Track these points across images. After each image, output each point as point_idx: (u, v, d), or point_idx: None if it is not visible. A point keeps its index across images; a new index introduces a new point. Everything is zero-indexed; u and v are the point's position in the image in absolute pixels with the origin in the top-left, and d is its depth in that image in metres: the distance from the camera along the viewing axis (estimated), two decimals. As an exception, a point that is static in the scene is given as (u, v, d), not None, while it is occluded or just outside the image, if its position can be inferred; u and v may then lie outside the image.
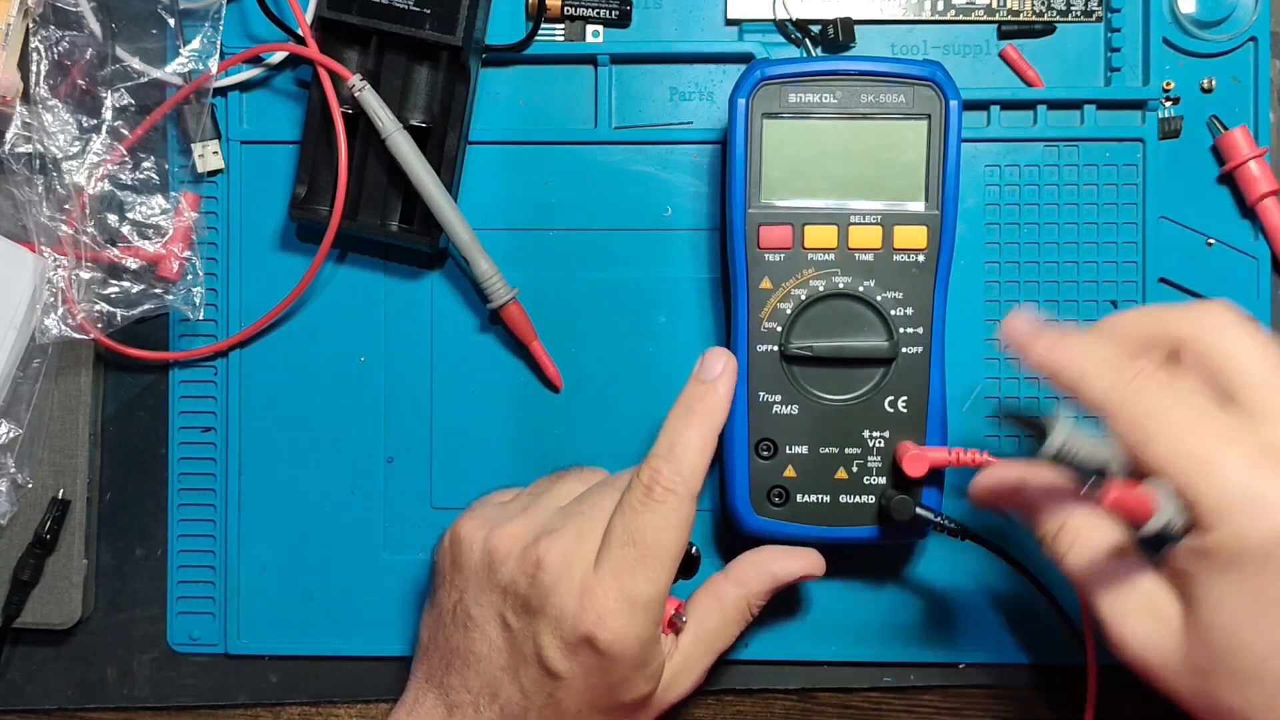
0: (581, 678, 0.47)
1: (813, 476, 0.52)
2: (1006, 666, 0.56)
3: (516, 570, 0.47)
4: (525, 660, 0.47)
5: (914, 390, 0.51)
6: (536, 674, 0.47)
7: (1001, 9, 0.57)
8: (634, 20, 0.57)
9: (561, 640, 0.46)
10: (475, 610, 0.49)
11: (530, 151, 0.57)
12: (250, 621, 0.57)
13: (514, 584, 0.47)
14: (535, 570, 0.47)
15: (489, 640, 0.48)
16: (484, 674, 0.48)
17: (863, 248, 0.51)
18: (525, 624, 0.47)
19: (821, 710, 0.57)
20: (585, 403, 0.57)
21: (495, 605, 0.48)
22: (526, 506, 0.50)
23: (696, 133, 0.57)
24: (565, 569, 0.47)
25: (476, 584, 0.49)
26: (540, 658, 0.47)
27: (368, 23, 0.53)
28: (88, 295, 0.55)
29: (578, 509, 0.49)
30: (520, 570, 0.47)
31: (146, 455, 0.58)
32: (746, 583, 0.51)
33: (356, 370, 0.57)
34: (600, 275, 0.57)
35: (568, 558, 0.47)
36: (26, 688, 0.58)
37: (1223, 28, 0.56)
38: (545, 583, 0.47)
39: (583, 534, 0.48)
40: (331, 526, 0.57)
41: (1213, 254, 0.56)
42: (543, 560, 0.47)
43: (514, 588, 0.47)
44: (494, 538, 0.49)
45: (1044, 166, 0.56)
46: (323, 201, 0.55)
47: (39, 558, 0.56)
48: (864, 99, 0.51)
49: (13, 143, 0.54)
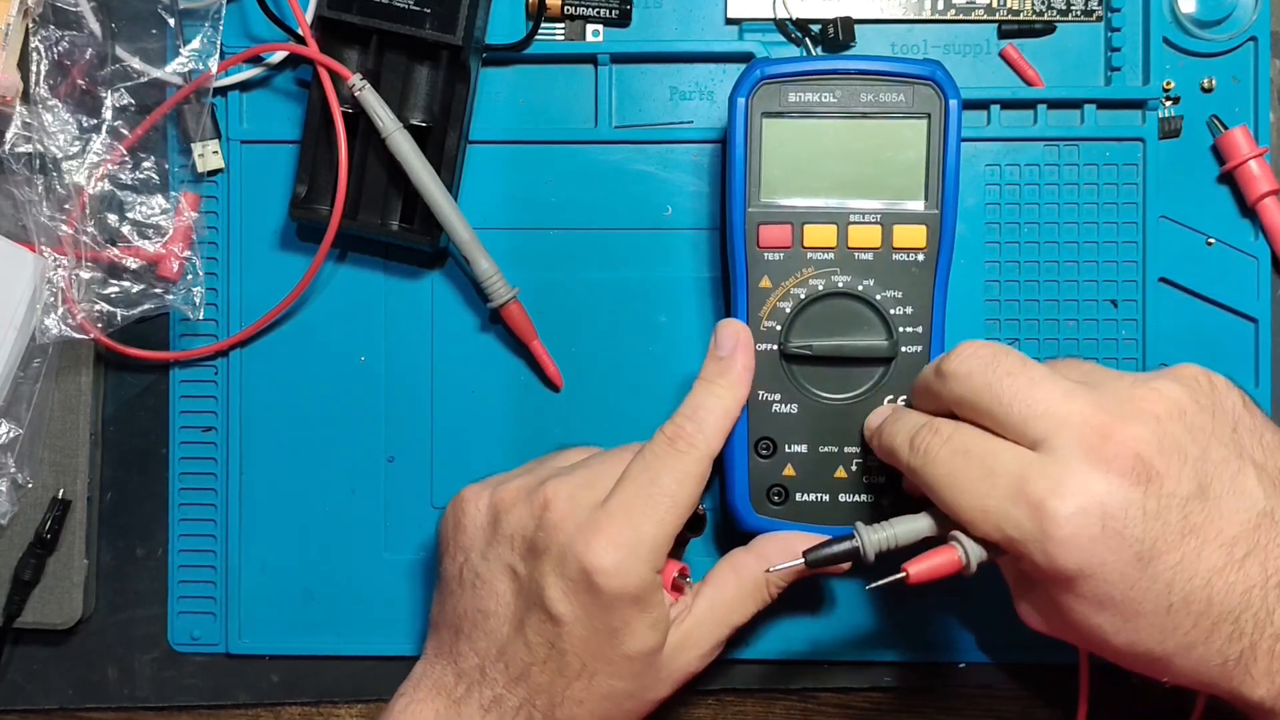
0: (582, 621, 0.46)
1: (812, 475, 0.52)
2: (1006, 666, 0.56)
3: (524, 514, 0.48)
4: (531, 606, 0.47)
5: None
6: (539, 621, 0.47)
7: (1001, 8, 0.57)
8: (634, 19, 0.57)
9: (563, 579, 0.46)
10: (482, 567, 0.49)
11: (530, 151, 0.57)
12: (251, 621, 0.57)
13: (521, 527, 0.48)
14: (542, 511, 0.47)
15: (496, 595, 0.48)
16: (491, 632, 0.48)
17: (862, 247, 0.51)
18: (532, 568, 0.47)
19: (821, 710, 0.57)
20: (585, 402, 0.57)
21: (503, 557, 0.48)
22: (529, 470, 0.51)
23: (697, 132, 0.57)
24: (571, 507, 0.47)
25: (484, 539, 0.49)
26: (543, 600, 0.47)
27: (368, 22, 0.53)
28: (88, 295, 0.55)
29: (587, 464, 0.50)
30: (528, 513, 0.48)
31: (147, 455, 0.58)
32: (770, 559, 0.50)
33: (357, 370, 0.57)
34: (600, 275, 0.57)
35: (574, 498, 0.47)
36: (27, 687, 0.58)
37: (1223, 27, 0.56)
38: (551, 521, 0.47)
39: (591, 481, 0.48)
40: (332, 526, 0.57)
41: (1213, 253, 0.56)
42: (550, 501, 0.47)
43: (521, 531, 0.48)
44: (498, 493, 0.49)
45: (1044, 166, 0.56)
46: (323, 201, 0.55)
47: (39, 557, 0.56)
48: (864, 98, 0.51)
49: (13, 143, 0.54)
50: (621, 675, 0.48)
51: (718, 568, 0.51)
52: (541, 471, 0.50)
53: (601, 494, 0.48)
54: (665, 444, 0.48)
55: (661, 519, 0.47)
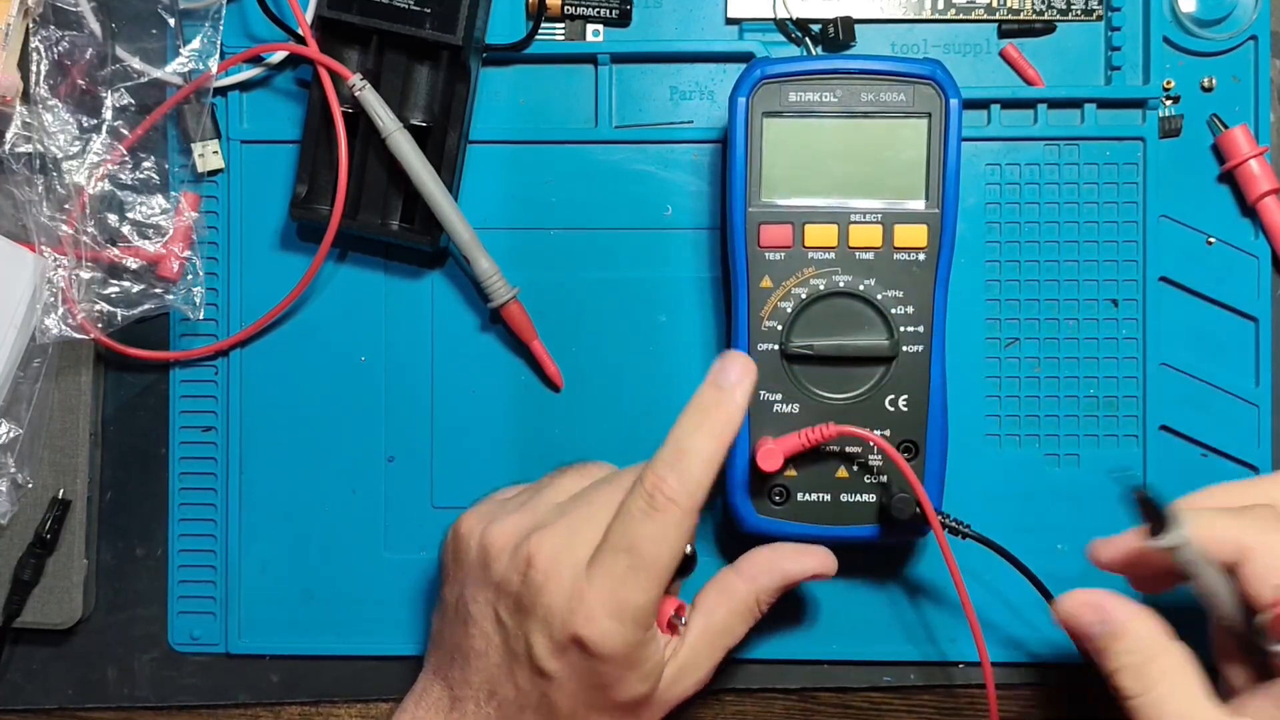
0: (572, 678, 0.47)
1: (813, 475, 0.52)
2: (1006, 666, 0.56)
3: (509, 567, 0.47)
4: (518, 659, 0.47)
5: (914, 389, 0.51)
6: (528, 673, 0.47)
7: (1002, 8, 0.57)
8: (634, 19, 0.57)
9: (550, 640, 0.46)
10: (474, 607, 0.48)
11: (530, 151, 0.57)
12: (251, 621, 0.57)
13: (506, 581, 0.47)
14: (526, 568, 0.47)
15: (486, 637, 0.48)
16: (482, 670, 0.48)
17: (863, 246, 0.51)
18: (517, 622, 0.47)
19: (821, 710, 0.57)
20: (586, 402, 0.57)
21: (490, 602, 0.48)
22: (524, 503, 0.50)
23: (697, 132, 0.57)
24: (554, 568, 0.46)
25: (474, 580, 0.49)
26: (531, 657, 0.47)
27: (368, 22, 0.53)
28: (88, 295, 0.55)
29: (574, 506, 0.49)
30: (512, 567, 0.47)
31: (147, 455, 0.58)
32: (757, 579, 0.50)
33: (357, 370, 0.57)
34: (601, 274, 0.57)
35: (557, 556, 0.46)
36: (27, 687, 0.58)
37: (1223, 26, 0.56)
38: (536, 581, 0.46)
39: (575, 530, 0.47)
40: (332, 526, 0.57)
41: (1213, 252, 0.56)
42: (533, 558, 0.46)
43: (506, 585, 0.47)
44: (489, 533, 0.49)
45: (1044, 165, 0.56)
46: (323, 201, 0.55)
47: (39, 557, 0.56)
48: (864, 97, 0.51)
49: (13, 143, 0.54)
50: (615, 716, 0.48)
51: (705, 592, 0.51)
52: (535, 509, 0.49)
53: (585, 550, 0.47)
54: (644, 503, 0.46)
55: (646, 586, 0.46)
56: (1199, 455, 0.56)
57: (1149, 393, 0.56)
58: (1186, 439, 0.56)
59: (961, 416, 0.55)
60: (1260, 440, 0.56)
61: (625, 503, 0.47)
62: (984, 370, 0.56)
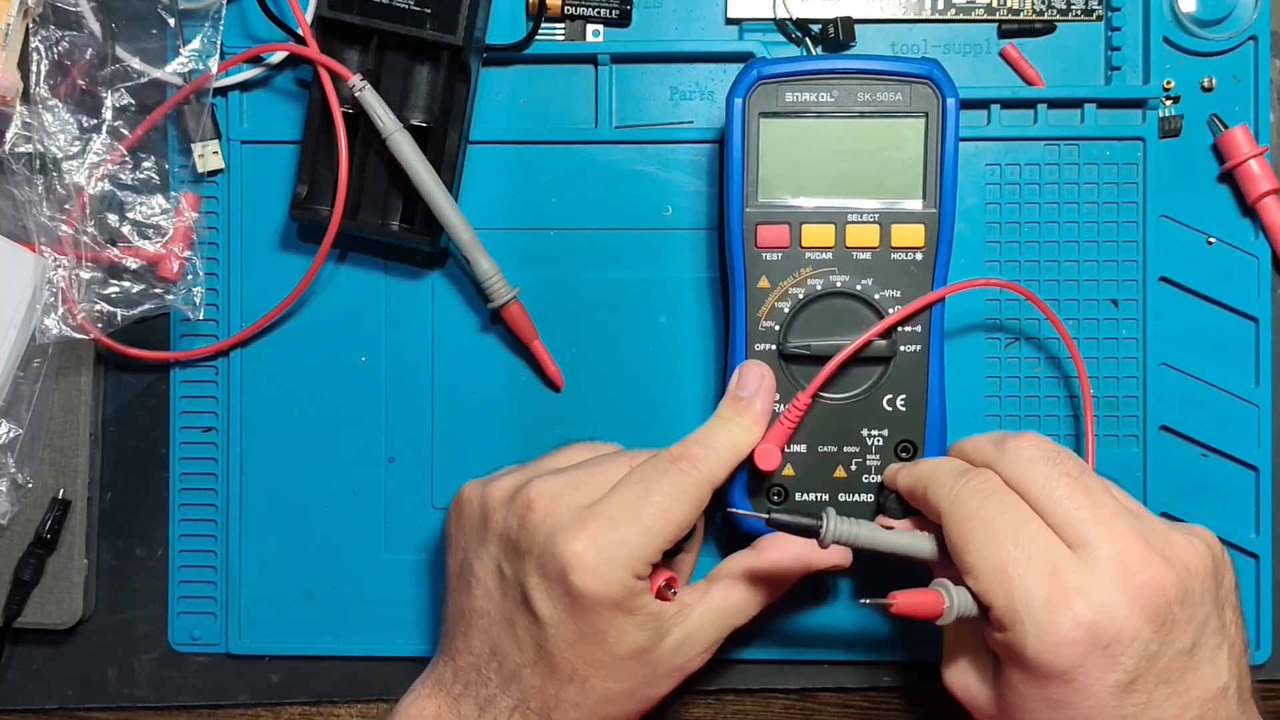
0: (566, 623, 0.46)
1: (811, 475, 0.52)
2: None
3: (509, 514, 0.48)
4: (517, 607, 0.47)
5: (913, 389, 0.51)
6: (526, 622, 0.47)
7: (1002, 8, 0.56)
8: (634, 19, 0.57)
9: (545, 579, 0.46)
10: (476, 565, 0.49)
11: (530, 151, 0.57)
12: (251, 621, 0.57)
13: (507, 528, 0.48)
14: (525, 511, 0.47)
15: (488, 593, 0.48)
16: (484, 631, 0.48)
17: (860, 246, 0.51)
18: (517, 567, 0.47)
19: (821, 710, 0.57)
20: (586, 402, 0.57)
21: (493, 556, 0.48)
22: (525, 467, 0.51)
23: (697, 132, 0.57)
24: (553, 508, 0.47)
25: (476, 537, 0.49)
26: (526, 601, 0.46)
27: (368, 22, 0.53)
28: (88, 295, 0.55)
29: (578, 467, 0.49)
30: (512, 513, 0.48)
31: (147, 455, 0.58)
32: (775, 563, 0.51)
33: (357, 370, 0.57)
34: (601, 275, 0.57)
35: (558, 498, 0.47)
36: (27, 687, 0.58)
37: (1223, 26, 0.56)
38: (533, 521, 0.47)
39: (577, 484, 0.48)
40: (332, 526, 0.57)
41: (1213, 252, 0.56)
42: (533, 501, 0.47)
43: (507, 532, 0.48)
44: (489, 490, 0.49)
45: (1044, 165, 0.56)
46: (323, 201, 0.55)
47: (39, 557, 0.56)
48: (861, 97, 0.51)
49: (13, 143, 0.54)
50: (616, 677, 0.47)
51: (721, 568, 0.51)
52: (537, 468, 0.50)
53: (587, 497, 0.47)
54: (667, 460, 0.48)
55: (648, 528, 0.46)
56: (1199, 455, 0.56)
57: (1149, 393, 0.56)
58: (1186, 439, 0.56)
59: (961, 416, 0.55)
60: (1260, 440, 0.56)
61: (645, 462, 0.48)
62: (984, 370, 0.56)
